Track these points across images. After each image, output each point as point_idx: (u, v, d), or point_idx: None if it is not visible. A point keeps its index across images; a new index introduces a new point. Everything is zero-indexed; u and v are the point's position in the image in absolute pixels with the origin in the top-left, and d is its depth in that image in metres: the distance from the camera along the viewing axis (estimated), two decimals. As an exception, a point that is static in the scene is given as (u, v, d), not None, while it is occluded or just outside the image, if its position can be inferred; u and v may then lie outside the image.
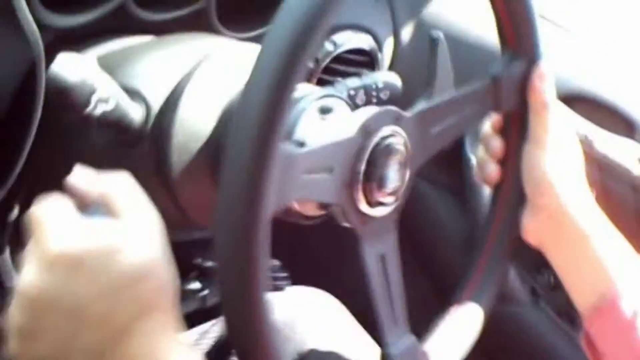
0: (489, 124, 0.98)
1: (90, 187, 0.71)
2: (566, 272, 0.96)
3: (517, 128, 0.95)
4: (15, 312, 0.66)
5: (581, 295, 0.94)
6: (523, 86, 0.94)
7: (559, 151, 0.94)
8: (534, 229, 0.96)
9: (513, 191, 0.96)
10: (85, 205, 0.70)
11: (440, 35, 0.89)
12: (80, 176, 0.72)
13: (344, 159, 0.77)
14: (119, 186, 0.71)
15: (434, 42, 0.90)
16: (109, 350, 0.65)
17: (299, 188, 0.72)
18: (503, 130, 0.97)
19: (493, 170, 0.97)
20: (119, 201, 0.69)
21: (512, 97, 0.93)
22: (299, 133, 0.81)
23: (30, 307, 0.65)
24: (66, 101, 0.79)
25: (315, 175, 0.74)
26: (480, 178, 1.01)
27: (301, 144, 0.80)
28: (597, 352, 0.94)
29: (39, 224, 0.67)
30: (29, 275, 0.66)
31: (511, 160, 0.96)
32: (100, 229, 0.67)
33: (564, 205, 0.93)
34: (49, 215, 0.67)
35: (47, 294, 0.65)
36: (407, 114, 0.83)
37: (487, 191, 1.25)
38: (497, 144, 0.97)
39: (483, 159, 0.99)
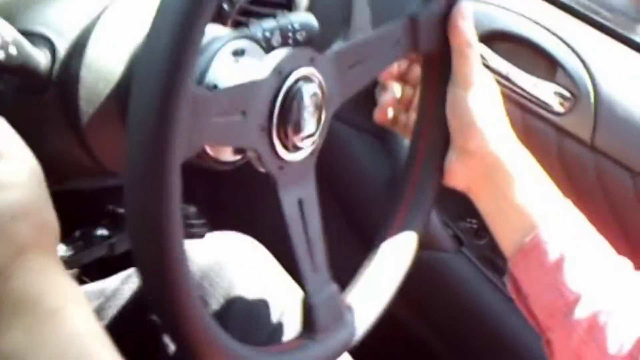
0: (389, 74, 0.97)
1: None
2: (493, 215, 0.96)
3: (437, 69, 0.94)
4: None
5: (507, 237, 0.95)
6: (442, 25, 0.92)
7: (484, 92, 0.93)
8: (461, 174, 0.95)
9: (434, 135, 0.95)
10: None
11: None
12: None
13: (257, 101, 0.75)
14: None
15: None
16: None
17: (212, 132, 0.71)
18: (422, 72, 0.95)
19: (405, 119, 0.97)
20: None
21: (431, 37, 0.91)
22: (211, 76, 0.79)
23: None
24: (-40, 48, 0.76)
25: (228, 118, 0.72)
26: (394, 129, 1.00)
27: (213, 87, 0.78)
28: (521, 294, 0.95)
29: None
30: None
31: (432, 102, 0.94)
32: None
33: (494, 149, 0.92)
34: None
35: None
36: (323, 54, 0.81)
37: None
38: (407, 91, 0.97)
39: (389, 107, 0.98)
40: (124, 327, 1.06)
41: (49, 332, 0.65)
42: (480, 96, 0.92)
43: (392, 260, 0.93)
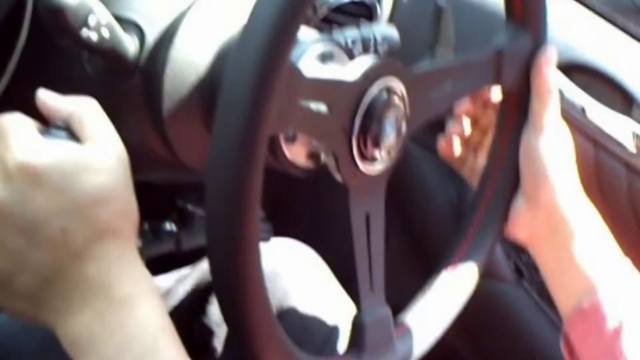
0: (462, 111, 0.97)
1: (56, 108, 0.69)
2: (552, 271, 0.94)
3: (515, 110, 0.93)
4: None
5: (565, 296, 0.93)
6: (527, 63, 0.91)
7: (558, 142, 0.91)
8: (526, 225, 0.93)
9: (504, 178, 0.94)
10: (49, 126, 0.68)
11: (445, 5, 0.88)
12: (47, 96, 0.70)
13: (343, 100, 0.76)
14: (86, 111, 0.69)
15: (438, 11, 0.89)
16: (61, 270, 0.64)
17: (298, 117, 0.71)
18: (500, 107, 0.94)
19: (473, 162, 0.97)
20: (85, 126, 0.68)
21: (514, 72, 0.91)
22: (300, 68, 0.79)
23: None
24: (60, 23, 0.76)
25: (315, 107, 0.73)
26: (461, 172, 0.99)
27: (302, 75, 0.77)
28: (574, 354, 0.92)
29: (0, 134, 0.65)
30: None
31: (505, 144, 0.93)
32: (64, 148, 0.65)
33: (562, 203, 0.90)
34: (12, 128, 0.65)
35: (3, 206, 0.63)
36: (409, 70, 0.81)
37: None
38: (477, 135, 0.97)
39: (454, 137, 0.98)
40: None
41: (118, 320, 0.65)
42: (554, 145, 0.91)
43: (451, 290, 0.92)
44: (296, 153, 0.84)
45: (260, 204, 0.67)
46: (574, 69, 1.26)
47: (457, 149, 0.99)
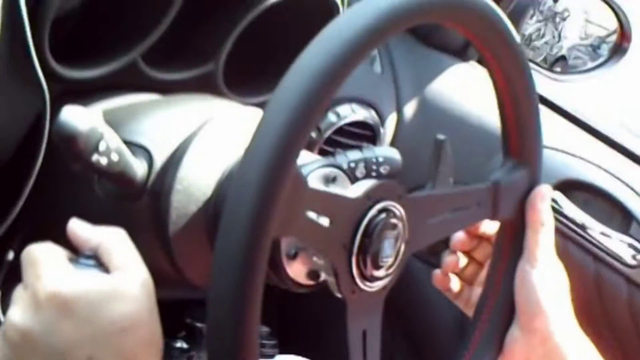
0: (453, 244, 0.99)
1: (86, 238, 0.72)
2: None
3: (511, 242, 0.94)
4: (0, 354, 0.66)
5: None
6: (522, 198, 0.93)
7: (552, 274, 0.93)
8: (520, 353, 0.93)
9: (499, 308, 0.94)
10: (78, 256, 0.71)
11: (445, 138, 0.90)
12: (77, 227, 0.73)
13: (345, 216, 0.77)
14: (114, 241, 0.72)
15: (438, 144, 0.91)
16: None
17: (301, 226, 0.72)
18: (496, 240, 0.96)
19: (469, 294, 0.98)
20: (113, 256, 0.71)
21: (510, 206, 0.93)
22: None
23: (12, 345, 0.66)
24: (72, 149, 0.80)
25: (317, 218, 0.74)
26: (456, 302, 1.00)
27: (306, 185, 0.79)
28: None
29: (32, 264, 0.68)
30: (16, 314, 0.67)
31: (501, 275, 0.94)
32: (92, 278, 0.68)
33: (556, 332, 0.91)
34: (43, 257, 0.68)
35: (32, 334, 0.65)
36: (410, 195, 0.83)
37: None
38: (472, 267, 0.98)
39: (450, 271, 0.99)
40: None
41: None
42: (549, 276, 0.92)
43: None
44: (297, 270, 0.86)
45: (266, 321, 0.69)
46: (573, 187, 1.28)
47: (454, 283, 1.00)
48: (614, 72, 1.46)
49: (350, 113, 1.27)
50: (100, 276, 0.69)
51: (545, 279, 0.92)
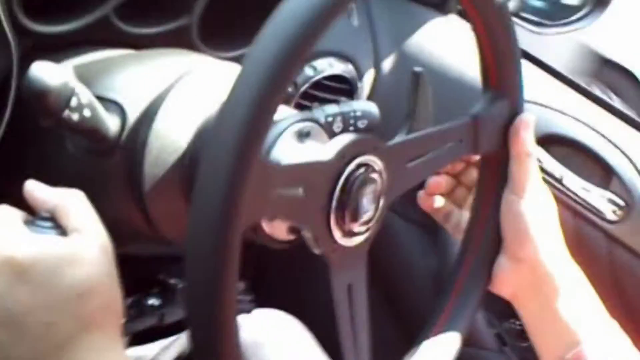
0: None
1: (43, 199, 0.70)
2: (536, 326, 0.95)
3: (495, 173, 0.94)
4: None
5: (548, 350, 0.94)
6: (504, 129, 0.93)
7: (538, 201, 0.93)
8: (509, 281, 0.94)
9: (486, 239, 0.95)
10: (35, 217, 0.69)
11: (422, 70, 0.89)
12: (34, 187, 0.71)
13: (319, 181, 0.76)
14: (72, 202, 0.70)
15: (415, 77, 0.90)
16: None
17: (274, 205, 0.72)
18: (480, 175, 0.96)
19: (458, 218, 0.97)
20: (71, 217, 0.69)
21: (492, 139, 0.92)
22: (275, 154, 0.80)
23: None
24: (43, 105, 0.79)
25: (290, 193, 0.73)
26: (446, 226, 1.00)
27: (277, 164, 0.79)
28: None
29: None
30: None
31: (487, 206, 0.95)
32: (49, 241, 0.66)
33: (545, 259, 0.92)
34: None
35: None
36: (385, 144, 0.82)
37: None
38: (461, 192, 0.97)
39: (445, 208, 0.98)
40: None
41: None
42: (535, 205, 0.92)
43: (433, 357, 0.92)
44: (276, 227, 0.84)
45: (242, 275, 0.68)
46: (552, 141, 1.28)
47: (438, 201, 1.00)
48: (596, 25, 1.45)
49: (327, 67, 1.25)
50: (57, 239, 0.67)
51: (532, 208, 0.92)
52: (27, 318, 0.64)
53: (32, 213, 0.70)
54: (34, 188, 0.71)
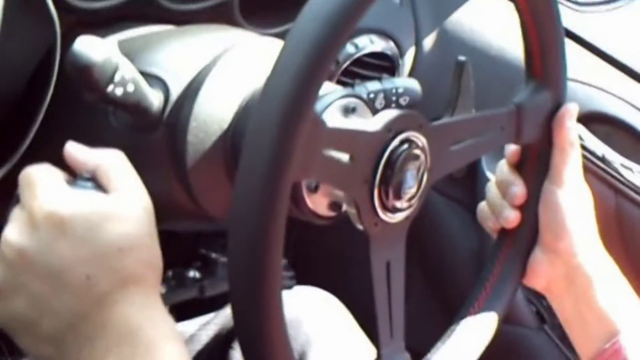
0: (505, 166, 0.95)
1: (84, 160, 0.71)
2: (572, 318, 0.94)
3: (536, 163, 0.94)
4: None
5: (585, 342, 0.93)
6: (547, 120, 0.92)
7: (578, 194, 0.92)
8: (544, 273, 0.93)
9: (525, 230, 0.94)
10: (76, 177, 0.70)
11: (466, 60, 0.89)
12: (74, 149, 0.72)
13: (365, 151, 0.76)
14: (113, 163, 0.71)
15: (459, 66, 0.90)
16: (86, 316, 0.65)
17: (321, 166, 0.72)
18: (519, 164, 0.95)
19: (512, 216, 0.93)
20: (112, 178, 0.70)
21: (535, 129, 0.92)
22: (324, 118, 0.80)
23: (8, 264, 0.66)
24: (87, 79, 0.79)
25: (338, 156, 0.74)
26: (492, 226, 0.97)
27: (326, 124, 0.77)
28: None
29: (29, 185, 0.68)
30: (12, 232, 0.66)
31: (527, 194, 0.94)
32: (90, 198, 0.67)
33: (580, 252, 0.91)
34: (40, 178, 0.68)
35: (28, 253, 0.65)
36: (431, 124, 0.82)
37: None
38: (519, 189, 0.93)
39: (499, 204, 0.95)
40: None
41: None
42: (574, 197, 0.92)
43: (471, 337, 0.92)
44: (318, 203, 0.85)
45: (283, 252, 0.68)
46: (594, 119, 1.27)
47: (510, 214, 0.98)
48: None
49: (368, 44, 1.25)
50: (98, 196, 0.68)
51: (571, 200, 0.91)
52: (68, 271, 0.65)
53: (74, 176, 0.71)
54: (74, 149, 0.72)
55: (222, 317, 1.13)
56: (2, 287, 0.66)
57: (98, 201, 0.67)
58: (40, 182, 0.67)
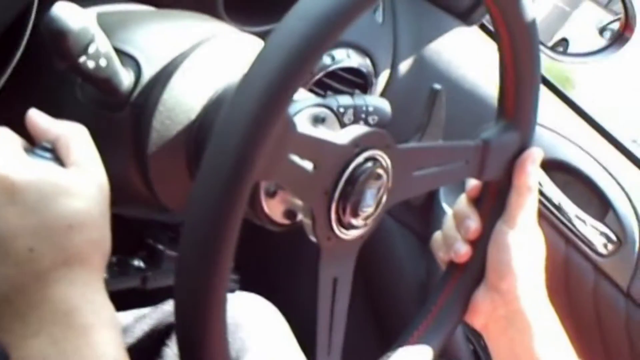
0: (464, 199, 0.95)
1: (45, 128, 0.69)
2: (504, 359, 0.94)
3: (493, 201, 0.93)
4: None
5: None
6: (510, 160, 0.92)
7: (527, 238, 0.92)
8: (484, 312, 0.93)
9: (473, 266, 0.94)
10: (34, 147, 0.68)
11: (441, 88, 0.89)
12: (37, 116, 0.70)
13: (330, 162, 0.76)
14: (75, 136, 0.69)
15: (433, 94, 0.89)
16: (23, 289, 0.63)
17: (284, 170, 0.71)
18: (478, 200, 0.94)
19: (463, 250, 0.93)
20: (71, 151, 0.68)
21: (497, 167, 0.92)
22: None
23: None
24: (61, 46, 0.77)
25: (301, 164, 0.73)
26: (443, 257, 0.96)
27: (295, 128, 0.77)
28: None
29: None
30: None
31: (481, 234, 0.93)
32: (46, 168, 0.65)
33: (522, 295, 0.91)
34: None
35: None
36: (398, 146, 0.81)
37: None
38: (474, 224, 0.93)
39: (452, 236, 0.94)
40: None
41: (74, 348, 0.64)
42: (524, 240, 0.92)
43: None
44: (274, 208, 0.84)
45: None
46: (555, 167, 1.28)
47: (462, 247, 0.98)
48: (613, 59, 1.45)
49: (345, 58, 1.25)
50: (54, 168, 0.66)
51: (521, 243, 0.91)
52: (11, 240, 0.63)
53: (33, 144, 0.69)
54: (37, 116, 0.70)
55: (160, 312, 1.11)
56: None
57: (54, 173, 0.65)
58: None
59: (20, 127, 0.70)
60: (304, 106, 0.82)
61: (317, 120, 0.84)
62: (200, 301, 0.65)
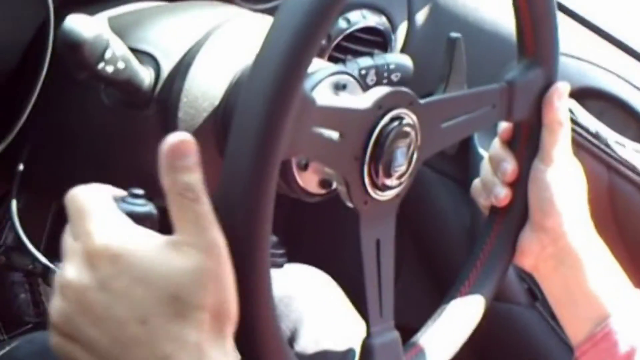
0: (498, 143, 0.95)
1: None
2: (560, 299, 0.94)
3: (526, 141, 0.93)
4: (54, 309, 0.61)
5: (575, 324, 0.93)
6: (538, 98, 0.92)
7: (566, 172, 0.92)
8: (532, 252, 0.93)
9: (516, 208, 0.94)
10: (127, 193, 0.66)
11: (458, 36, 0.88)
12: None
13: (355, 129, 0.76)
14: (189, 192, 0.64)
15: (451, 43, 0.89)
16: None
17: (310, 143, 0.71)
18: (511, 142, 0.94)
19: (503, 194, 0.93)
20: (184, 212, 0.63)
21: (526, 107, 0.91)
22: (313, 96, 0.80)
23: (68, 309, 0.60)
24: (78, 57, 0.79)
25: (327, 133, 0.73)
26: (484, 203, 0.97)
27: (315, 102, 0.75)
28: None
29: (79, 215, 0.61)
30: (69, 271, 0.60)
31: (518, 175, 0.94)
32: (148, 237, 0.61)
33: (569, 231, 0.91)
34: (90, 207, 0.62)
35: (87, 296, 0.59)
36: (422, 101, 0.82)
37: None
38: (510, 166, 0.92)
39: (490, 181, 0.94)
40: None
41: None
42: (564, 176, 0.91)
43: (462, 316, 0.92)
44: (308, 180, 0.85)
45: (274, 230, 0.68)
46: (587, 95, 1.26)
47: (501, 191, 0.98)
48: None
49: (360, 19, 1.25)
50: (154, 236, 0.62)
51: (560, 179, 0.91)
52: (126, 327, 0.59)
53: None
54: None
55: None
56: (60, 330, 0.61)
57: (155, 242, 0.61)
58: (91, 212, 0.61)
59: (55, 139, 0.71)
60: (322, 77, 0.83)
61: (338, 87, 0.84)
62: (243, 279, 0.66)
